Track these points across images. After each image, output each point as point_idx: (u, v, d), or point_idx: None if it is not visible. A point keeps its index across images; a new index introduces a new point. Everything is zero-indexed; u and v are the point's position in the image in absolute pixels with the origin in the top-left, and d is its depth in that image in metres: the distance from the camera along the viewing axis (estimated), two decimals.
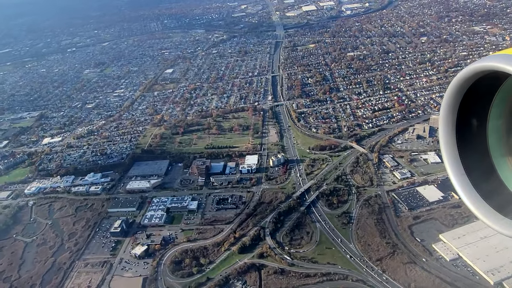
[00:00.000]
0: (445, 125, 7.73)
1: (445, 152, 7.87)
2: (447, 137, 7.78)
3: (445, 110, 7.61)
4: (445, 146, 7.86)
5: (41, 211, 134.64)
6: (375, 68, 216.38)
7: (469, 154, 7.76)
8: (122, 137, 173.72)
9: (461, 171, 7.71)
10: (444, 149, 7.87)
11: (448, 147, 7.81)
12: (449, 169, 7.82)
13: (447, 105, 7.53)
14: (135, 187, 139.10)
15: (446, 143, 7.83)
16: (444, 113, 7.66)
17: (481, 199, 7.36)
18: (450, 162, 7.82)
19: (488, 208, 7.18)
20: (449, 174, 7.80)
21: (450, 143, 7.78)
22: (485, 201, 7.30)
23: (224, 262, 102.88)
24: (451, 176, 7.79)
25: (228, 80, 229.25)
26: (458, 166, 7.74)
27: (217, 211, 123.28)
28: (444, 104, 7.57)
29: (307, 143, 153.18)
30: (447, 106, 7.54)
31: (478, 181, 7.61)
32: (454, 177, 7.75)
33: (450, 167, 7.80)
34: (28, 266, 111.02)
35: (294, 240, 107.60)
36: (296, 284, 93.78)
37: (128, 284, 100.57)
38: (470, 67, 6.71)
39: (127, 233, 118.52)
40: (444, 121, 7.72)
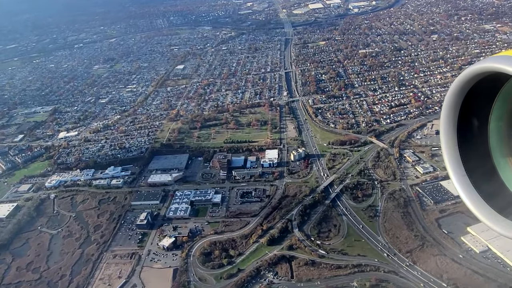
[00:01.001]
0: (446, 125, 7.68)
1: (446, 153, 7.84)
2: (448, 138, 7.74)
3: (447, 110, 7.55)
4: (446, 147, 7.81)
5: (64, 204, 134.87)
6: (388, 65, 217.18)
7: (470, 155, 7.72)
8: (139, 132, 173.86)
9: (462, 172, 7.66)
10: (445, 150, 7.83)
11: (449, 147, 7.76)
12: (450, 169, 7.80)
13: (449, 106, 7.47)
14: (157, 180, 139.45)
15: (447, 143, 7.77)
16: (446, 114, 7.60)
17: (482, 200, 7.30)
18: (451, 162, 7.78)
19: (489, 209, 7.12)
20: (450, 174, 7.77)
21: (451, 143, 7.74)
22: (486, 202, 7.23)
23: (254, 254, 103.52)
24: (452, 177, 7.76)
25: (241, 76, 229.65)
26: (459, 167, 7.70)
27: (241, 204, 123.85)
28: (446, 105, 7.54)
29: (326, 138, 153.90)
30: (449, 107, 7.48)
31: (479, 182, 7.55)
32: (455, 178, 7.71)
33: (451, 167, 7.77)
34: (56, 257, 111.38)
35: (322, 232, 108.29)
36: (328, 275, 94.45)
37: (159, 275, 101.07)
38: (471, 69, 6.70)
39: (153, 225, 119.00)
40: (445, 121, 7.68)
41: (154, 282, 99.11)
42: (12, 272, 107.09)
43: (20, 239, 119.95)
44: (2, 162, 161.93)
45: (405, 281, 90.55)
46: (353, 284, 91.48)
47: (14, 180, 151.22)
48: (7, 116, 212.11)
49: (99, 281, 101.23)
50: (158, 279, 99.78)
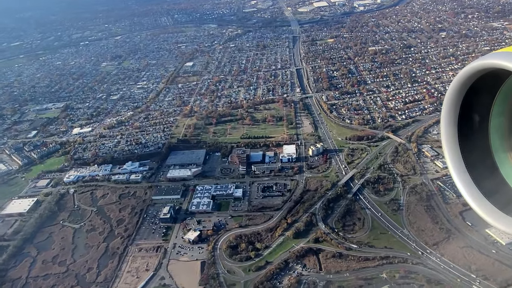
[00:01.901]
0: (447, 122, 7.65)
1: (447, 149, 7.80)
2: (449, 134, 7.71)
3: (447, 107, 7.54)
4: (447, 144, 7.77)
5: (84, 199, 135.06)
6: (399, 62, 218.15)
7: (471, 151, 7.68)
8: (155, 127, 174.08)
9: (463, 168, 7.62)
10: (446, 146, 7.80)
11: (450, 144, 7.73)
12: (451, 166, 7.75)
13: (449, 103, 7.47)
14: (176, 175, 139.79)
15: (448, 140, 7.74)
16: (446, 111, 7.59)
17: (482, 196, 7.27)
18: (452, 159, 7.74)
19: (489, 205, 7.09)
20: (451, 171, 7.74)
21: (452, 140, 7.71)
22: (486, 199, 7.20)
23: (280, 247, 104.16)
24: (452, 174, 7.74)
25: (252, 73, 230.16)
26: (460, 163, 7.67)
27: (263, 198, 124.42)
28: (446, 102, 7.53)
29: (343, 134, 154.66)
30: (449, 104, 7.48)
31: (480, 178, 7.51)
32: (455, 175, 7.68)
33: (452, 164, 7.73)
34: (80, 250, 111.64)
35: (347, 225, 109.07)
36: (356, 267, 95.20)
37: (186, 267, 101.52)
38: (471, 65, 6.68)
39: (176, 219, 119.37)
40: (446, 118, 7.65)
41: (182, 274, 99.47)
42: (38, 265, 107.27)
43: (43, 233, 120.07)
44: (18, 157, 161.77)
45: (434, 273, 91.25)
46: (382, 275, 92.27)
47: (31, 175, 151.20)
48: (19, 112, 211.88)
49: (126, 274, 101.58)
50: (186, 272, 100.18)
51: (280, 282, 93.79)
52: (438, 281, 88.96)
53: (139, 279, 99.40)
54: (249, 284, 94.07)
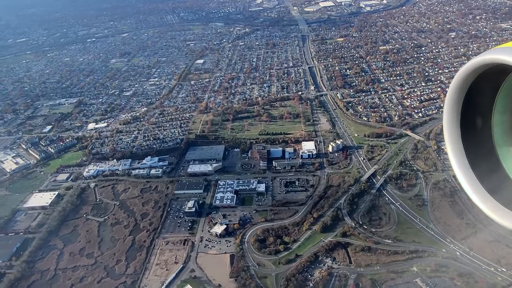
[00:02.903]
0: (449, 119, 7.57)
1: (450, 147, 7.72)
2: (452, 131, 7.63)
3: (450, 104, 7.46)
4: (450, 141, 7.70)
5: (105, 193, 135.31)
6: (411, 61, 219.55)
7: (474, 148, 7.58)
8: (171, 123, 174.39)
9: (466, 165, 7.55)
10: (449, 144, 7.72)
11: (453, 141, 7.65)
12: (454, 163, 7.68)
13: (452, 100, 7.38)
14: (197, 170, 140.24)
15: (451, 137, 7.67)
16: (449, 108, 7.50)
17: (487, 193, 7.20)
18: (455, 156, 7.67)
19: (494, 202, 7.02)
20: (454, 168, 7.68)
21: (455, 137, 7.64)
22: (491, 195, 7.13)
23: (308, 240, 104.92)
24: (456, 170, 7.69)
25: (264, 71, 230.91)
26: (463, 160, 7.59)
27: (286, 193, 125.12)
28: (449, 99, 7.42)
29: (361, 131, 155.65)
30: (452, 101, 7.39)
31: (484, 175, 7.43)
32: (459, 171, 7.62)
33: (456, 161, 7.66)
34: (107, 243, 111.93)
35: (373, 220, 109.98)
36: (386, 261, 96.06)
37: (216, 260, 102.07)
38: (473, 61, 6.64)
39: (200, 213, 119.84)
40: (448, 115, 7.57)
41: (211, 267, 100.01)
42: (66, 257, 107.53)
43: (67, 226, 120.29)
44: (35, 152, 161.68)
45: (464, 267, 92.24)
46: (412, 269, 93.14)
47: (50, 170, 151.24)
48: (32, 107, 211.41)
49: (156, 266, 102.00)
50: (216, 264, 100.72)
51: (311, 275, 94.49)
52: (469, 274, 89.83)
53: (169, 271, 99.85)
54: (280, 277, 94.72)
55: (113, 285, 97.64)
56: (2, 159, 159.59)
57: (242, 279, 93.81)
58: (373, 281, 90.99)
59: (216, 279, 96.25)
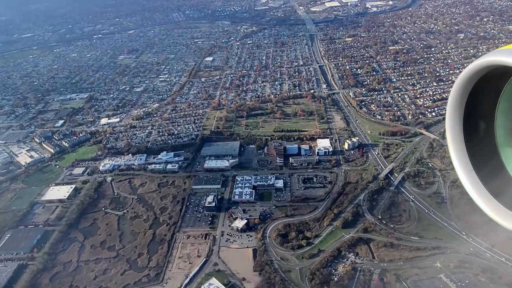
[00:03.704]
0: (452, 121, 7.50)
1: (452, 148, 7.67)
2: (455, 133, 7.55)
3: (452, 106, 7.38)
4: (452, 142, 7.65)
5: (123, 187, 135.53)
6: (421, 61, 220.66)
7: (477, 150, 7.51)
8: (185, 119, 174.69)
9: (469, 167, 7.54)
10: (452, 145, 7.68)
11: (456, 143, 7.60)
12: (457, 165, 7.66)
13: (454, 101, 7.31)
14: (213, 166, 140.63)
15: (453, 139, 7.60)
16: (451, 109, 7.42)
17: (490, 195, 7.22)
18: (458, 158, 7.64)
19: (497, 205, 7.04)
20: (457, 170, 7.67)
21: (457, 139, 7.57)
22: (494, 198, 7.13)
23: (330, 236, 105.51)
24: (459, 173, 7.67)
25: (275, 69, 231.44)
26: (466, 162, 7.57)
27: (305, 189, 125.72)
28: (451, 100, 7.34)
29: (375, 129, 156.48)
30: (454, 102, 7.32)
31: (487, 177, 7.40)
32: (462, 174, 7.61)
33: (458, 163, 7.63)
34: (128, 237, 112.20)
35: (393, 217, 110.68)
36: (409, 256, 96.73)
37: (238, 254, 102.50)
38: (476, 63, 6.56)
39: (220, 208, 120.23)
40: (451, 117, 7.49)
41: (234, 261, 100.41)
42: (87, 250, 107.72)
43: (86, 219, 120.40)
44: (50, 145, 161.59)
45: (487, 263, 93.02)
46: (436, 265, 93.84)
47: (65, 164, 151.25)
48: (42, 102, 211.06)
49: (178, 259, 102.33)
50: (238, 258, 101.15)
51: (335, 269, 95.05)
52: (492, 270, 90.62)
53: (192, 265, 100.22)
54: (304, 271, 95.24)
55: (136, 277, 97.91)
56: (16, 153, 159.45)
57: (267, 272, 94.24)
58: (398, 276, 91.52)
59: (240, 272, 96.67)
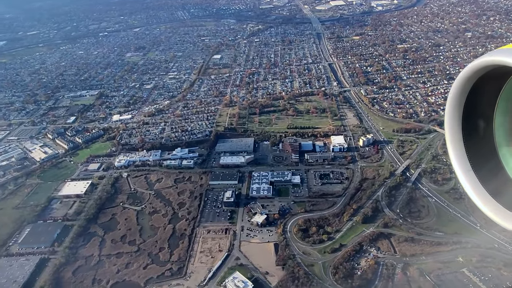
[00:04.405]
0: (451, 121, 7.52)
1: (451, 148, 7.66)
2: (453, 133, 7.57)
3: (451, 106, 7.40)
4: (451, 142, 7.65)
5: (139, 182, 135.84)
6: (430, 59, 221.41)
7: (476, 150, 7.51)
8: (197, 116, 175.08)
9: (468, 167, 7.49)
10: (451, 145, 7.68)
11: (455, 143, 7.60)
12: (456, 165, 7.62)
13: (453, 101, 7.33)
14: (229, 162, 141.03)
15: (452, 139, 7.62)
16: (450, 109, 7.44)
17: (488, 195, 7.16)
18: (456, 158, 7.61)
19: (496, 205, 7.02)
20: (456, 170, 7.64)
21: (456, 139, 7.58)
22: (493, 198, 7.11)
23: (351, 231, 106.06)
24: (458, 172, 7.63)
25: (284, 67, 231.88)
26: (465, 162, 7.53)
27: (322, 185, 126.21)
28: (450, 100, 7.36)
29: (389, 126, 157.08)
30: (454, 102, 7.33)
31: (486, 177, 7.35)
32: (461, 173, 7.54)
33: (457, 163, 7.60)
34: (147, 231, 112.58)
35: (412, 212, 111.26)
36: (430, 251, 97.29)
37: (259, 249, 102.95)
38: (475, 63, 6.52)
39: (238, 203, 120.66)
40: (450, 117, 7.51)
41: (256, 255, 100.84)
42: (108, 244, 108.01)
43: (105, 214, 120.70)
44: (63, 141, 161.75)
45: (509, 257, 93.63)
46: (458, 259, 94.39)
47: (79, 159, 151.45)
48: (53, 98, 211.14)
49: (200, 254, 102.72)
50: (260, 253, 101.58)
51: (357, 264, 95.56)
52: None
53: (214, 259, 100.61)
54: (327, 265, 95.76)
55: (159, 271, 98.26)
56: (30, 148, 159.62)
57: (290, 266, 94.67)
58: (421, 270, 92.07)
59: (262, 266, 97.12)
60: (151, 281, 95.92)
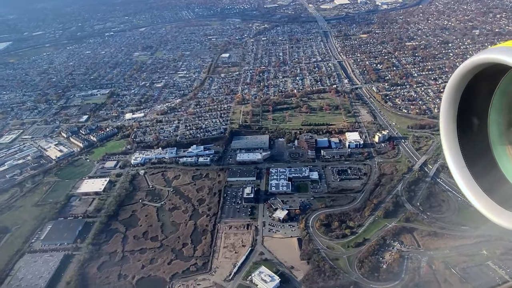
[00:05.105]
0: (446, 118, 7.59)
1: (446, 145, 7.71)
2: (448, 130, 7.61)
3: (446, 103, 7.46)
4: (446, 139, 7.70)
5: (156, 179, 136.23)
6: (440, 56, 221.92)
7: (470, 147, 7.57)
8: (211, 114, 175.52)
9: (462, 163, 7.58)
10: (445, 142, 7.73)
11: (449, 140, 7.64)
12: (450, 162, 7.69)
13: (448, 98, 7.38)
14: (246, 158, 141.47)
15: (447, 136, 7.66)
16: (445, 107, 7.51)
17: (482, 192, 7.23)
18: (451, 155, 7.66)
19: (489, 201, 7.06)
20: (450, 167, 7.70)
21: (451, 136, 7.61)
22: (486, 194, 7.16)
23: (373, 225, 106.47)
24: (452, 169, 7.71)
25: (293, 65, 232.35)
26: (459, 159, 7.60)
27: (340, 181, 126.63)
28: (445, 98, 7.43)
29: (403, 122, 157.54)
30: (448, 99, 7.39)
31: (479, 174, 7.43)
32: (455, 170, 7.67)
33: (452, 160, 7.66)
34: (169, 228, 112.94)
35: (433, 206, 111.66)
36: (454, 245, 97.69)
37: (283, 244, 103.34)
38: (470, 60, 6.61)
39: (257, 199, 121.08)
40: (445, 114, 7.59)
41: (280, 250, 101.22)
42: (131, 240, 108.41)
43: (125, 211, 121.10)
44: (78, 140, 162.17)
45: None
46: (482, 252, 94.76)
47: (95, 157, 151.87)
48: (64, 98, 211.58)
49: (224, 249, 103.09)
50: (284, 248, 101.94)
51: (382, 257, 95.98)
52: None
53: (238, 254, 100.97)
54: (352, 259, 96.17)
55: (184, 266, 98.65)
56: (45, 147, 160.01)
57: (315, 261, 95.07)
58: (446, 263, 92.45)
59: (287, 261, 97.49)
60: (176, 276, 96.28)
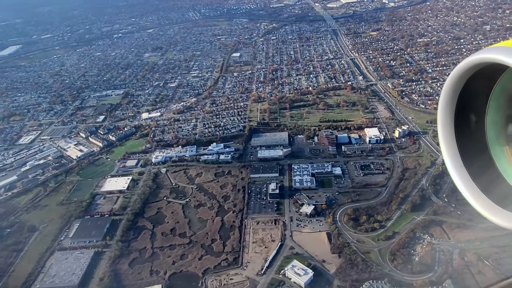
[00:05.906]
0: (443, 117, 7.64)
1: (443, 144, 7.77)
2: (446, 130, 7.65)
3: (444, 102, 7.51)
4: (443, 139, 7.75)
5: (179, 177, 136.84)
6: (453, 52, 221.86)
7: (467, 146, 7.61)
8: (228, 112, 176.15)
9: (460, 163, 7.59)
10: (443, 141, 7.78)
11: (447, 139, 7.69)
12: (448, 161, 7.71)
13: (446, 98, 7.44)
14: (267, 155, 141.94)
15: (444, 135, 7.71)
16: (443, 106, 7.56)
17: (479, 191, 7.25)
18: (448, 154, 7.69)
19: (487, 200, 7.08)
20: (448, 166, 7.71)
21: (448, 135, 7.66)
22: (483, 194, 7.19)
23: (401, 219, 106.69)
24: (449, 168, 7.71)
25: (306, 63, 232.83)
26: (456, 158, 7.62)
27: (364, 176, 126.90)
28: (443, 97, 7.47)
29: (421, 118, 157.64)
30: (446, 99, 7.45)
31: (477, 173, 7.43)
32: (452, 169, 7.64)
33: (449, 159, 7.69)
34: (196, 224, 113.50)
35: (460, 199, 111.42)
36: (485, 236, 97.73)
37: (312, 238, 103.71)
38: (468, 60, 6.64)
39: (282, 195, 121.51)
40: (442, 113, 7.63)
41: (310, 244, 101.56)
42: (159, 237, 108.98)
43: (151, 209, 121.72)
44: (97, 139, 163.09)
45: None
46: None
47: (115, 156, 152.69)
48: (79, 99, 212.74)
49: (253, 244, 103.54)
50: (313, 242, 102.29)
51: (413, 250, 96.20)
52: None
53: (268, 249, 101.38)
54: (383, 252, 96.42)
55: (215, 262, 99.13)
56: (65, 147, 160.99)
57: (346, 254, 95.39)
58: (478, 255, 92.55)
59: (318, 255, 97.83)
60: (208, 271, 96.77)
